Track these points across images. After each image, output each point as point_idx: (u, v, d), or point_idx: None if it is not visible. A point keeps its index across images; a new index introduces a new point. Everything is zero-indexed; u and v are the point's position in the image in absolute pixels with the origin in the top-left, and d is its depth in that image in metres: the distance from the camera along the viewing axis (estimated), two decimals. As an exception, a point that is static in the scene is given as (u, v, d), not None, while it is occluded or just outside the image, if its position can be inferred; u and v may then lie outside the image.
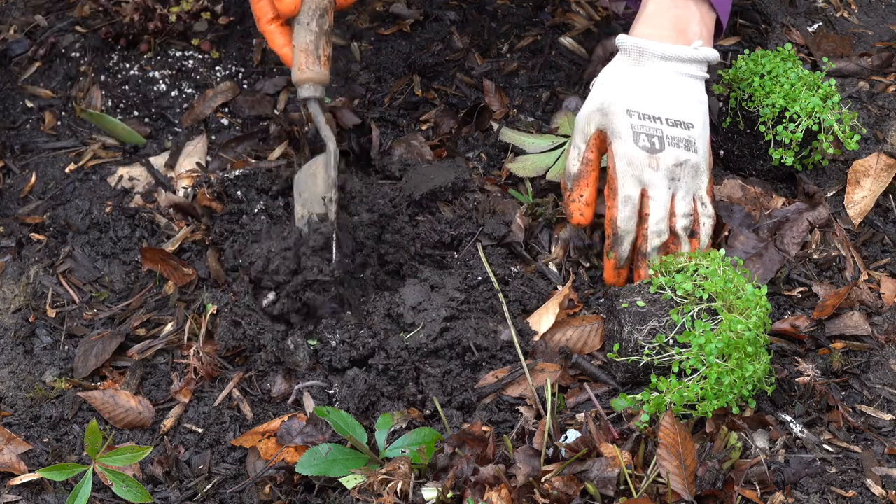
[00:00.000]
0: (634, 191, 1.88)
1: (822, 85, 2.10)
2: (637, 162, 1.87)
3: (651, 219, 1.88)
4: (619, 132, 1.88)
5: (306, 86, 1.94)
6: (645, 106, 1.89)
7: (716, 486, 1.63)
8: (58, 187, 2.20)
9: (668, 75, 1.91)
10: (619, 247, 1.90)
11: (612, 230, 1.89)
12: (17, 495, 1.73)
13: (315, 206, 1.96)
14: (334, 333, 1.89)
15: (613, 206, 1.89)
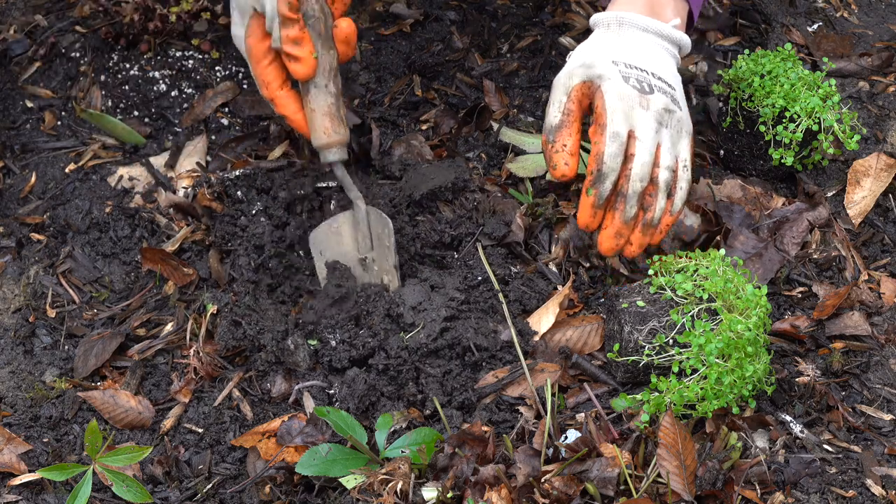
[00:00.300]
0: (623, 128, 1.81)
1: (822, 85, 2.10)
2: (628, 98, 1.82)
3: (636, 160, 1.81)
4: (608, 75, 1.84)
5: (334, 150, 1.91)
6: (630, 58, 1.86)
7: (716, 486, 1.63)
8: (58, 187, 2.20)
9: (648, 42, 1.89)
10: (602, 184, 1.81)
11: (597, 166, 1.81)
12: (17, 495, 1.73)
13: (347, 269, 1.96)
14: (334, 333, 1.89)
15: (601, 142, 1.81)
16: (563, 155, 1.84)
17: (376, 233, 1.96)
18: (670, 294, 1.79)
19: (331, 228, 1.97)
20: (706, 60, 2.44)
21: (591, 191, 1.82)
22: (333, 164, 1.92)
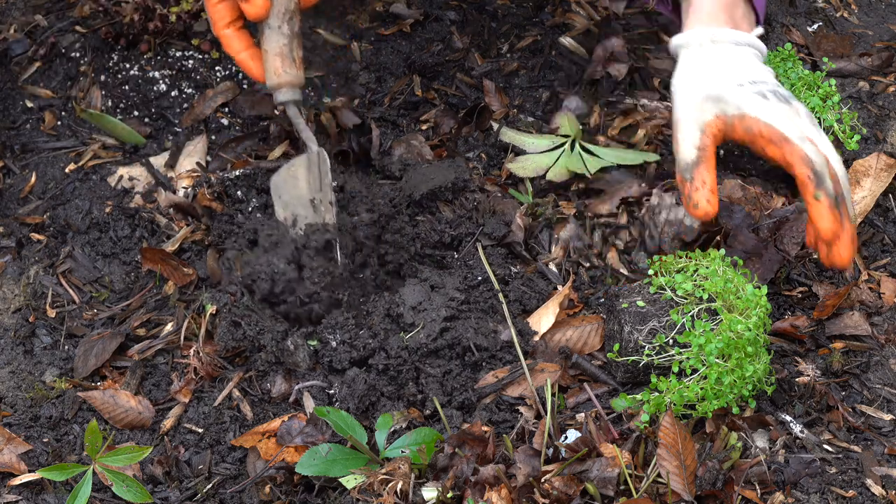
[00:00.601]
0: (799, 132, 1.73)
1: (822, 85, 2.10)
2: (783, 111, 1.75)
3: (832, 160, 1.71)
4: (747, 102, 1.76)
5: (284, 90, 1.93)
6: (748, 76, 1.81)
7: (716, 486, 1.63)
8: (58, 187, 2.20)
9: (747, 57, 1.84)
10: (824, 182, 1.69)
11: (810, 167, 1.70)
12: (17, 495, 1.73)
13: (299, 209, 1.96)
14: (334, 333, 1.89)
15: (794, 149, 1.72)
16: (704, 192, 1.76)
17: (323, 171, 1.97)
18: (670, 294, 1.79)
19: (289, 172, 1.99)
20: (706, 60, 2.44)
21: (819, 194, 1.70)
22: (285, 104, 1.94)
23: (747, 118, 1.76)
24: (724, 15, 1.87)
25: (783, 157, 1.73)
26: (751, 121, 1.75)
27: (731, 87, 1.78)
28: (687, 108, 1.81)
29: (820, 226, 1.71)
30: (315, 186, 1.96)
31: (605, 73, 2.36)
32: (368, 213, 2.04)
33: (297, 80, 1.93)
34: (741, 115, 1.76)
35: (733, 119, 1.77)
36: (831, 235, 1.71)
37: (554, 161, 2.17)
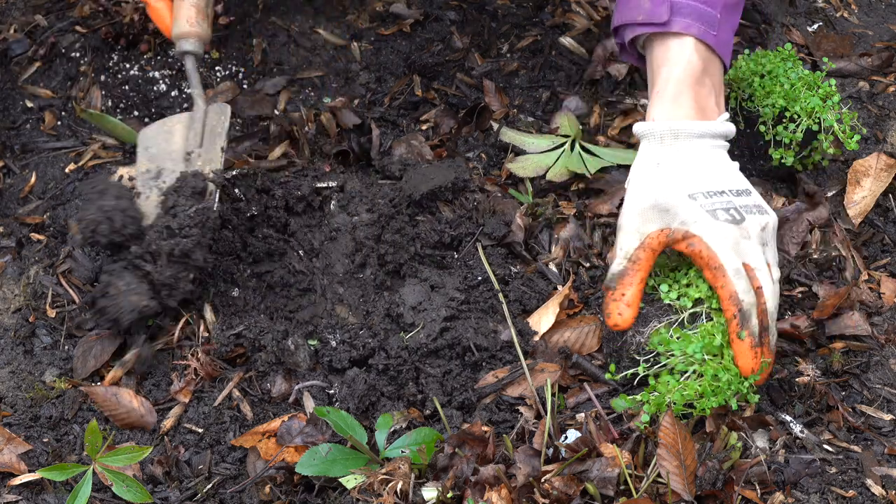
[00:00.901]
0: (739, 263, 1.73)
1: (822, 85, 2.10)
2: (729, 235, 1.74)
3: (765, 291, 1.73)
4: (694, 218, 1.75)
5: (191, 40, 1.96)
6: (703, 185, 1.79)
7: (716, 486, 1.63)
8: (58, 187, 2.20)
9: (704, 151, 1.82)
10: (749, 322, 1.72)
11: (737, 306, 1.72)
12: (17, 495, 1.73)
13: (167, 163, 1.96)
14: (334, 333, 1.89)
15: (728, 283, 1.73)
16: (619, 305, 1.75)
17: (210, 125, 1.99)
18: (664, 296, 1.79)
19: (163, 127, 2.01)
20: (706, 60, 2.44)
21: (742, 334, 1.72)
22: (186, 53, 1.98)
23: (690, 236, 1.75)
24: (688, 97, 1.84)
25: (715, 286, 1.75)
26: (694, 239, 1.75)
27: (681, 199, 1.77)
28: (632, 215, 1.79)
29: (739, 362, 1.72)
30: (194, 142, 1.97)
31: (605, 73, 2.36)
32: (368, 213, 2.04)
33: (205, 35, 1.99)
34: (685, 232, 1.75)
35: (676, 234, 1.76)
36: (748, 372, 1.72)
37: (554, 161, 2.17)
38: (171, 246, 1.87)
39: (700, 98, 1.85)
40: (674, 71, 1.85)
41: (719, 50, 1.88)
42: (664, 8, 1.85)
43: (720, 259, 1.73)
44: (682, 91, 1.84)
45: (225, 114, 2.01)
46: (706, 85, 1.86)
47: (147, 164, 1.98)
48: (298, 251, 2.03)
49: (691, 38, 1.85)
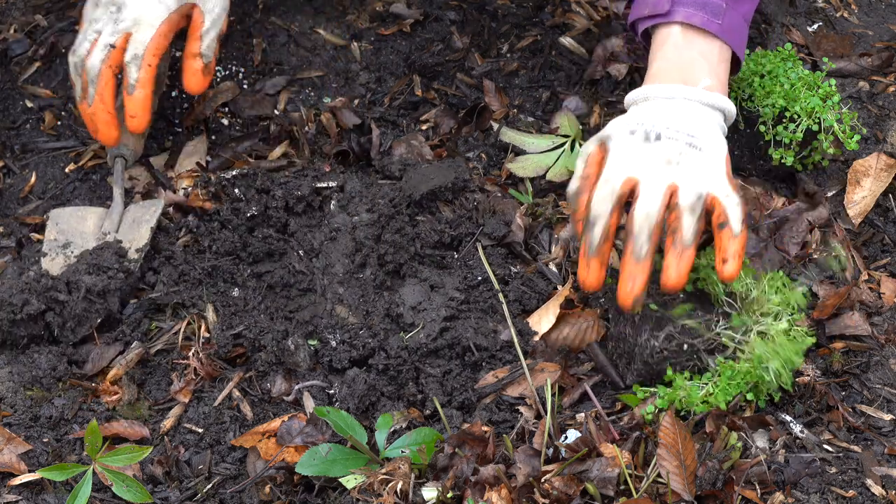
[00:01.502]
0: (617, 174, 1.74)
1: (822, 85, 2.10)
2: (629, 147, 1.75)
3: (640, 199, 1.71)
4: (615, 134, 1.79)
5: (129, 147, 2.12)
6: (646, 119, 1.80)
7: (716, 486, 1.63)
8: (58, 187, 2.20)
9: (674, 107, 1.82)
10: (590, 231, 1.73)
11: (586, 212, 1.75)
12: (17, 495, 1.73)
13: (75, 238, 2.02)
14: (334, 333, 1.89)
15: (592, 189, 1.76)
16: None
17: (133, 217, 2.05)
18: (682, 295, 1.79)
19: (76, 212, 2.07)
20: (706, 60, 2.44)
21: (581, 239, 1.74)
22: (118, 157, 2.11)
23: (606, 150, 1.79)
24: (671, 74, 1.86)
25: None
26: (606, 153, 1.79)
27: (618, 124, 1.81)
28: (585, 145, 1.84)
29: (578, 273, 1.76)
30: (110, 228, 2.04)
31: (605, 73, 2.36)
32: (368, 213, 2.04)
33: (139, 150, 2.14)
34: (605, 147, 1.79)
35: (604, 152, 1.80)
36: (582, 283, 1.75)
37: (554, 161, 2.17)
38: (92, 282, 1.90)
39: (683, 72, 1.86)
40: (657, 54, 1.89)
41: (725, 37, 1.88)
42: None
43: (604, 168, 1.77)
44: (666, 68, 1.87)
45: (156, 206, 2.07)
46: (695, 60, 1.87)
47: (55, 235, 2.04)
48: (298, 251, 2.03)
49: (689, 25, 1.87)
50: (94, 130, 2.05)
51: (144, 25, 2.00)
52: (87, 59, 2.00)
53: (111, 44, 1.99)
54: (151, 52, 1.99)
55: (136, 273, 1.97)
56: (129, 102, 2.00)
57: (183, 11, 2.04)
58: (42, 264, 1.98)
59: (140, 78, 1.99)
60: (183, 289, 1.97)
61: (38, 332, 1.90)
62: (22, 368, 1.87)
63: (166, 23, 2.01)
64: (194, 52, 2.05)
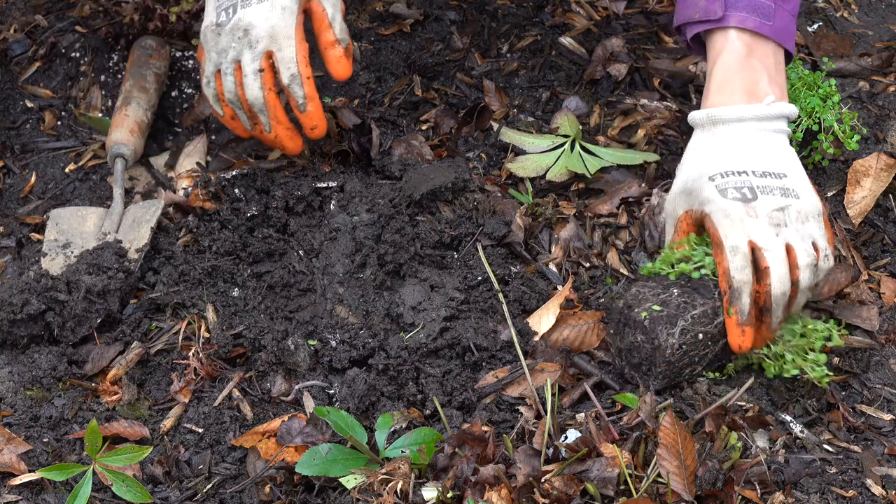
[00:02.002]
0: (740, 240, 1.73)
1: (822, 85, 2.10)
2: (733, 212, 1.75)
3: (773, 273, 1.72)
4: (708, 198, 1.78)
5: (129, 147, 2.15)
6: (725, 165, 1.79)
7: (716, 486, 1.63)
8: (58, 187, 2.20)
9: (746, 134, 1.82)
10: (739, 300, 1.73)
11: (728, 283, 1.74)
12: (17, 495, 1.73)
13: (76, 238, 2.02)
14: (334, 333, 1.89)
15: (723, 259, 1.74)
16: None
17: (133, 217, 2.05)
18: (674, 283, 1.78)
19: (77, 212, 2.08)
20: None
21: (731, 311, 1.74)
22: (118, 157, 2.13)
23: (704, 215, 1.79)
24: (735, 83, 1.85)
25: (716, 262, 1.77)
26: (707, 221, 1.78)
27: (702, 181, 1.80)
28: (669, 202, 1.87)
29: (730, 339, 1.76)
30: (110, 228, 2.04)
31: (605, 73, 2.37)
32: (368, 213, 2.04)
33: (139, 150, 2.16)
34: (701, 212, 1.79)
35: (696, 214, 1.80)
36: (736, 349, 1.76)
37: (554, 161, 2.17)
38: (92, 282, 1.90)
39: (747, 82, 1.85)
40: (717, 62, 1.88)
41: (777, 38, 1.88)
42: (718, 4, 1.87)
43: (719, 235, 1.75)
44: (728, 78, 1.86)
45: (156, 206, 2.07)
46: (754, 68, 1.86)
47: (55, 235, 2.04)
48: (298, 251, 2.03)
49: (743, 30, 1.87)
50: (282, 148, 2.05)
51: (282, 40, 1.96)
52: (244, 91, 1.98)
53: (258, 69, 1.96)
54: (304, 63, 1.98)
55: (136, 273, 1.97)
56: (304, 118, 1.99)
57: (301, 8, 2.00)
58: (42, 264, 1.98)
59: (307, 93, 1.98)
60: (183, 289, 1.97)
61: (38, 332, 1.90)
62: (22, 368, 1.87)
63: (299, 29, 1.98)
64: (331, 41, 2.02)
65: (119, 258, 1.95)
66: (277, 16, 1.95)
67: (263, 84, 1.96)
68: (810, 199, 1.80)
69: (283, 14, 1.96)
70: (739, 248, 1.73)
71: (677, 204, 1.84)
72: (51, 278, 1.92)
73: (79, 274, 1.91)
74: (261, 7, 1.95)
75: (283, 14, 1.96)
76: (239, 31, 1.96)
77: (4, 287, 1.91)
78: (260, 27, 1.95)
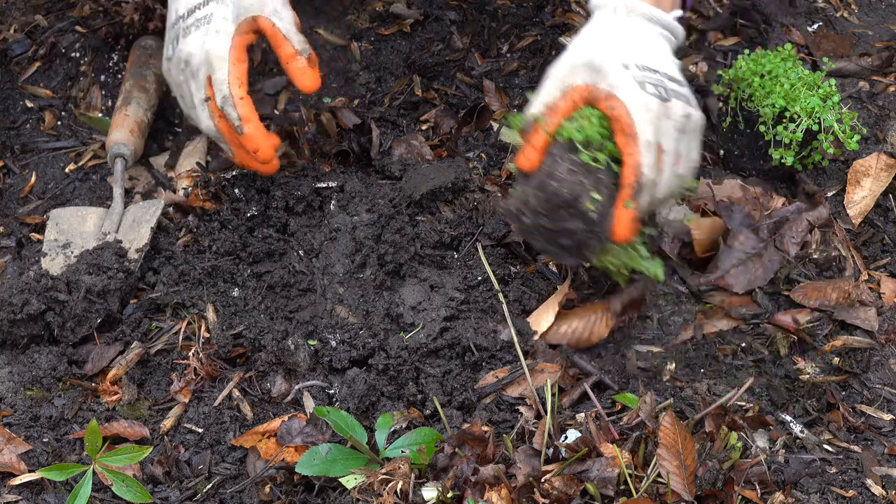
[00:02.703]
0: (653, 138, 1.73)
1: (822, 85, 2.10)
2: (653, 107, 1.73)
3: (663, 176, 1.74)
4: (621, 83, 1.75)
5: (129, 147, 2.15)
6: (642, 59, 1.78)
7: (716, 486, 1.63)
8: (58, 187, 2.20)
9: (654, 34, 1.82)
10: (641, 196, 1.72)
11: (636, 178, 1.72)
12: (17, 495, 1.73)
13: (76, 238, 2.02)
14: (334, 333, 1.89)
15: (636, 153, 1.72)
16: (527, 147, 1.77)
17: (133, 217, 2.06)
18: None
19: (77, 212, 2.08)
20: (706, 60, 2.45)
21: (629, 203, 1.73)
22: (118, 157, 2.13)
23: (614, 99, 1.74)
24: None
25: (623, 153, 1.74)
26: (616, 102, 1.74)
27: (614, 63, 1.76)
28: (563, 66, 1.80)
29: (618, 228, 1.74)
30: (110, 228, 2.04)
31: (605, 73, 2.36)
32: (368, 213, 2.04)
33: (139, 150, 2.16)
34: (609, 94, 1.75)
35: (600, 92, 1.75)
36: (621, 240, 1.74)
37: (554, 161, 2.17)
38: (92, 282, 1.90)
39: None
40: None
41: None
42: None
43: (636, 127, 1.73)
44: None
45: (156, 206, 2.07)
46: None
47: (55, 235, 2.04)
48: (298, 251, 2.03)
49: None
50: (258, 171, 2.01)
51: (216, 63, 1.92)
52: (202, 125, 1.96)
53: (204, 98, 1.93)
54: (235, 84, 1.92)
55: (136, 273, 1.97)
56: (245, 141, 1.94)
57: (245, 29, 1.95)
58: (42, 264, 1.98)
59: (241, 114, 1.91)
60: (183, 289, 1.98)
61: (38, 332, 1.90)
62: (22, 368, 1.87)
63: (234, 50, 1.93)
64: (290, 54, 1.97)
65: (119, 258, 1.95)
66: (212, 40, 1.92)
67: (212, 112, 1.93)
68: (700, 112, 1.81)
69: (217, 37, 1.92)
70: (652, 145, 1.73)
71: (577, 73, 1.78)
72: (51, 278, 1.92)
73: (79, 274, 1.91)
74: (197, 34, 1.93)
75: (218, 37, 1.92)
76: (182, 63, 1.95)
77: (4, 287, 1.91)
78: (197, 55, 1.92)
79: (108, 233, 2.03)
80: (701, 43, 2.50)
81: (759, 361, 1.88)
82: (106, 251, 1.96)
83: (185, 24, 1.94)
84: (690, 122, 1.78)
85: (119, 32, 2.38)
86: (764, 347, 1.89)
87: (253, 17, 1.94)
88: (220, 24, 1.92)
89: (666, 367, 1.87)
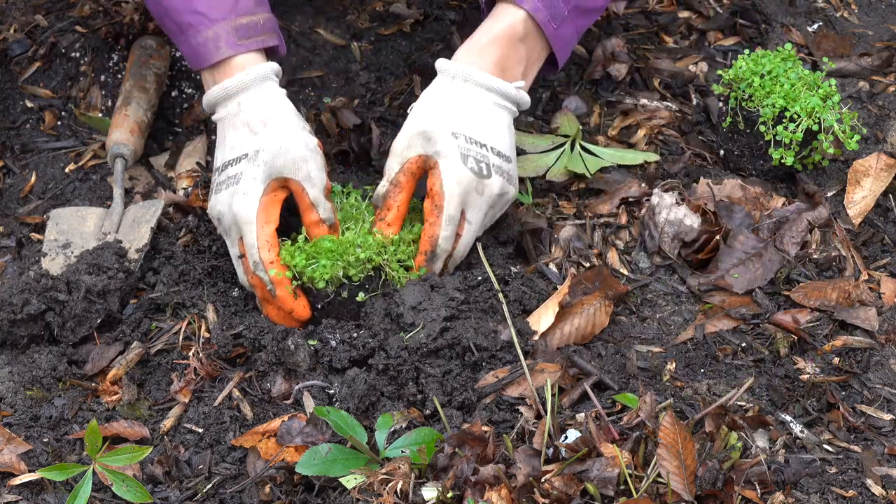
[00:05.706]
0: (457, 212, 1.89)
1: (822, 85, 2.10)
2: (465, 183, 1.88)
3: (461, 241, 1.91)
4: (446, 152, 1.88)
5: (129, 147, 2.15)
6: (471, 131, 1.90)
7: (716, 486, 1.63)
8: (58, 187, 2.20)
9: (488, 104, 1.92)
10: (433, 264, 1.91)
11: (431, 247, 1.90)
12: (17, 495, 1.73)
13: (75, 238, 2.03)
14: (334, 333, 1.89)
15: (437, 224, 1.89)
16: (382, 224, 1.92)
17: (133, 217, 2.06)
18: None
19: (77, 212, 2.08)
20: (706, 60, 2.45)
21: (423, 269, 1.91)
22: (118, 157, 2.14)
23: (435, 169, 1.89)
24: (494, 53, 1.93)
25: (426, 217, 1.90)
26: (435, 174, 1.89)
27: (444, 132, 1.89)
28: (401, 139, 1.93)
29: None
30: (110, 228, 2.04)
31: (605, 73, 2.37)
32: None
33: (139, 150, 2.17)
34: (434, 161, 1.89)
35: (430, 161, 1.89)
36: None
37: (554, 161, 2.17)
38: (92, 282, 1.90)
39: (505, 59, 1.94)
40: (494, 27, 1.94)
41: (553, 41, 1.96)
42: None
43: (444, 201, 1.88)
44: (492, 46, 1.93)
45: (156, 206, 2.07)
46: (519, 52, 1.94)
47: (55, 235, 2.04)
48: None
49: (530, 16, 1.93)
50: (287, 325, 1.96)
51: (244, 226, 1.89)
52: (239, 278, 1.95)
53: (238, 255, 1.93)
54: (265, 248, 1.88)
55: (136, 273, 1.97)
56: (280, 303, 1.91)
57: (274, 187, 1.91)
58: (42, 264, 1.98)
59: (273, 278, 1.88)
60: (183, 289, 1.98)
61: (38, 332, 1.90)
62: (22, 368, 1.87)
63: (262, 211, 1.90)
64: (314, 221, 1.93)
65: (119, 258, 1.95)
66: (239, 202, 1.90)
67: (246, 269, 1.93)
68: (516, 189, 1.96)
69: (244, 199, 1.90)
70: (454, 218, 1.89)
71: (412, 144, 1.91)
72: (51, 278, 1.92)
73: (79, 274, 1.91)
74: (227, 193, 1.92)
75: (245, 199, 1.90)
76: (215, 219, 1.96)
77: (4, 287, 1.91)
78: (227, 215, 1.92)
79: (108, 233, 2.03)
80: (701, 43, 2.50)
81: (759, 361, 1.88)
82: (106, 251, 1.95)
83: (219, 179, 1.94)
84: (503, 200, 1.93)
85: (119, 32, 2.39)
86: (764, 347, 1.90)
87: (283, 179, 1.92)
88: (249, 184, 1.90)
89: (666, 367, 1.87)
